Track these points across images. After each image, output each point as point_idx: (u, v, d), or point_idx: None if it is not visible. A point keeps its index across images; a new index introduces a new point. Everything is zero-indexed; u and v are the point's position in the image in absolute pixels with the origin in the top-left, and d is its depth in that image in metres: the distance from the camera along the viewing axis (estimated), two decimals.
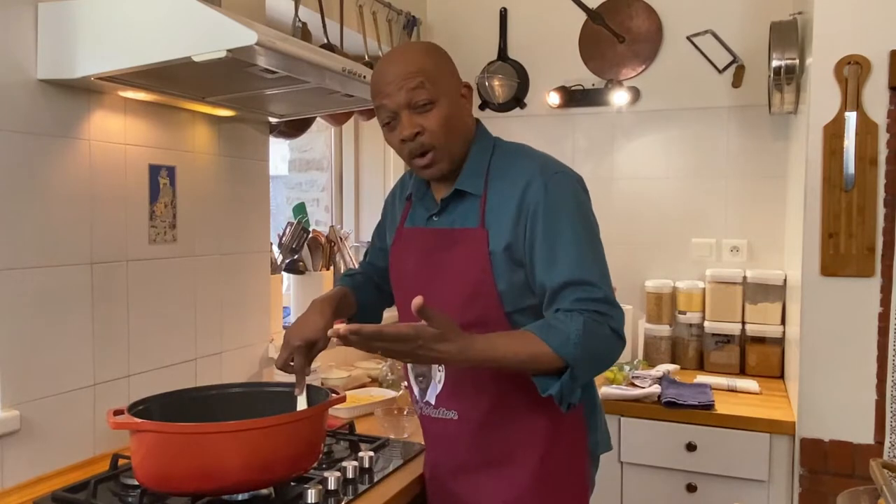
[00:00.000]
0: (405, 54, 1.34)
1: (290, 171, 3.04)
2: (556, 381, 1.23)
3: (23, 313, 1.43)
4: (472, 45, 2.98)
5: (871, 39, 1.87)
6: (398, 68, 1.30)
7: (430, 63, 1.30)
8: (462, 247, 1.35)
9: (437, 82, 1.29)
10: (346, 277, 1.66)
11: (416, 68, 1.29)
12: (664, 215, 2.77)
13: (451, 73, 1.35)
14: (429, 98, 1.29)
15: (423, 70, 1.29)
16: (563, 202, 1.30)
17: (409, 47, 1.35)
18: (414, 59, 1.31)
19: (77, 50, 1.40)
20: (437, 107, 1.30)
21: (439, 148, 1.32)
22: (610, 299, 1.28)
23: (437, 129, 1.30)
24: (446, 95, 1.31)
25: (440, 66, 1.32)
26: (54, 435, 1.50)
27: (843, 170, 1.90)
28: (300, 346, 1.38)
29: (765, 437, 2.04)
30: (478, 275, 1.32)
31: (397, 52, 1.37)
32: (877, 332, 1.88)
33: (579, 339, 1.21)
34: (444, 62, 1.34)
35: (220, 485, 1.23)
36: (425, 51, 1.34)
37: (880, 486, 1.21)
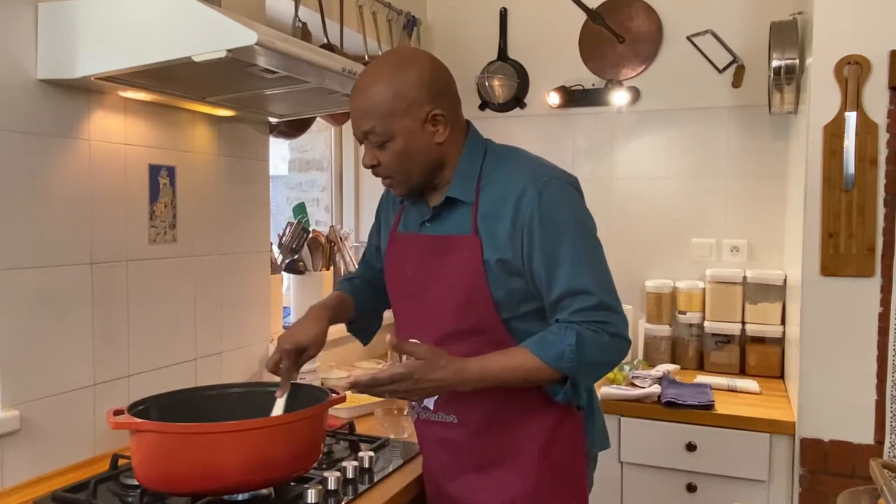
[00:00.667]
0: (361, 89, 1.32)
1: (290, 171, 3.04)
2: (560, 387, 1.29)
3: (23, 313, 1.43)
4: (472, 45, 2.98)
5: (871, 39, 1.87)
6: (356, 104, 1.32)
7: (382, 104, 1.28)
8: (455, 255, 1.35)
9: (389, 122, 1.29)
10: (344, 282, 1.66)
11: (367, 110, 1.30)
12: (664, 215, 2.77)
13: (410, 106, 1.29)
14: (380, 140, 1.31)
15: (373, 113, 1.29)
16: (558, 211, 1.30)
17: (365, 83, 1.30)
18: (366, 100, 1.30)
19: (77, 50, 1.40)
20: (392, 143, 1.31)
21: (395, 178, 1.36)
22: (607, 305, 1.28)
23: (391, 163, 1.33)
24: (402, 132, 1.30)
25: (394, 104, 1.28)
26: (54, 435, 1.50)
27: (843, 170, 1.90)
28: (290, 349, 1.39)
29: (765, 437, 2.04)
30: (472, 283, 1.32)
31: (357, 85, 1.33)
32: (877, 332, 1.88)
33: (574, 353, 1.24)
34: (400, 97, 1.29)
35: (220, 485, 1.23)
36: (382, 86, 1.29)
37: (880, 486, 1.21)
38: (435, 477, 1.48)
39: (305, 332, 1.41)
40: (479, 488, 1.40)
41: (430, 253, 1.39)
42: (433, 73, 1.34)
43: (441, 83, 1.35)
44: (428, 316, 1.38)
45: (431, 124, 1.32)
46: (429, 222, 1.41)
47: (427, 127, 1.32)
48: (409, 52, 1.45)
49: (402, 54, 1.40)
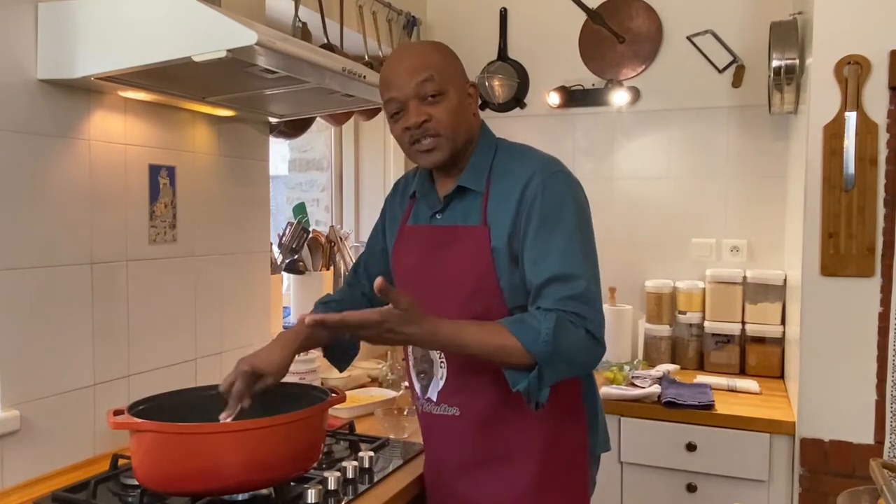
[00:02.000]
0: (416, 49, 1.41)
1: (290, 171, 3.04)
2: (525, 376, 1.23)
3: (23, 313, 1.43)
4: (472, 45, 2.98)
5: (871, 39, 1.87)
6: (409, 62, 1.34)
7: (439, 58, 1.35)
8: (464, 244, 1.36)
9: (445, 76, 1.34)
10: (319, 306, 1.57)
11: (426, 62, 1.33)
12: (664, 215, 2.77)
13: (460, 71, 1.39)
14: (437, 90, 1.33)
15: (432, 64, 1.33)
16: (559, 198, 1.31)
17: (419, 44, 1.43)
18: (424, 54, 1.36)
19: (77, 50, 1.40)
20: (446, 98, 1.34)
21: (444, 136, 1.35)
22: (591, 298, 1.26)
23: (444, 118, 1.33)
24: (454, 89, 1.35)
25: (449, 63, 1.37)
26: (54, 435, 1.50)
27: (843, 170, 1.90)
28: (247, 372, 1.33)
29: (765, 437, 2.04)
30: (480, 271, 1.33)
31: (407, 48, 1.43)
32: (877, 332, 1.88)
33: (549, 337, 1.20)
34: (452, 59, 1.39)
35: (220, 485, 1.23)
36: (435, 47, 1.39)
37: (880, 486, 1.21)
38: (439, 471, 1.48)
39: (267, 359, 1.36)
40: (483, 484, 1.40)
41: (438, 243, 1.40)
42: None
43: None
44: (435, 304, 1.35)
45: (470, 97, 1.39)
46: (439, 213, 1.42)
47: (468, 98, 1.39)
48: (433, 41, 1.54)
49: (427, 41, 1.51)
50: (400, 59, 1.36)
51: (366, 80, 1.63)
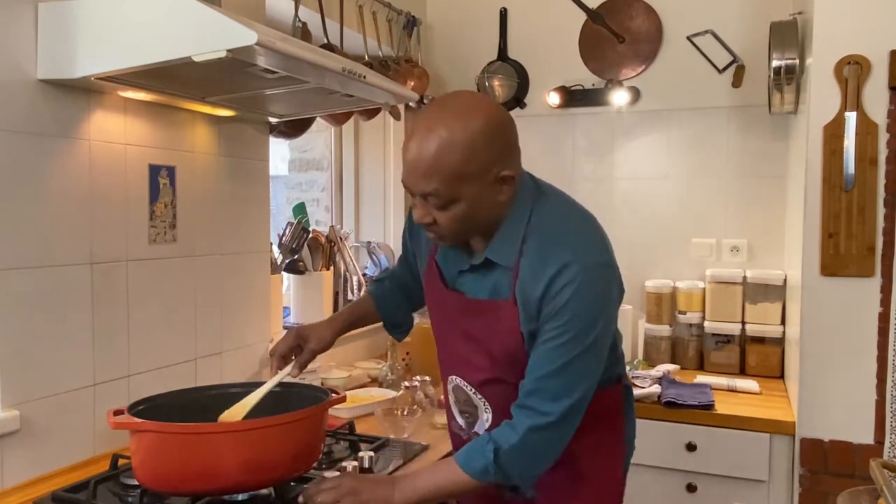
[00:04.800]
0: (422, 148, 1.17)
1: (290, 171, 3.04)
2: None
3: (23, 313, 1.43)
4: (472, 45, 2.98)
5: (871, 39, 1.87)
6: (416, 161, 1.18)
7: (448, 166, 1.16)
8: (493, 320, 1.30)
9: (455, 187, 1.18)
10: (375, 283, 1.66)
11: (430, 171, 1.17)
12: (664, 215, 2.77)
13: (479, 169, 1.18)
14: (444, 202, 1.20)
15: (437, 175, 1.17)
16: (587, 303, 1.21)
17: (428, 138, 1.16)
18: (430, 160, 1.16)
19: (77, 50, 1.40)
20: (454, 206, 1.21)
21: (447, 238, 1.28)
22: (567, 420, 1.22)
23: (450, 224, 1.23)
24: (468, 196, 1.20)
25: (463, 168, 1.17)
26: (54, 435, 1.50)
27: (843, 170, 1.90)
28: (290, 333, 1.50)
29: (765, 437, 2.04)
30: (510, 347, 1.29)
31: (418, 139, 1.18)
32: (877, 332, 1.88)
33: (496, 469, 1.21)
34: (470, 160, 1.17)
35: (220, 485, 1.23)
36: (445, 149, 1.16)
37: (880, 486, 1.21)
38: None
39: (314, 329, 1.52)
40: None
41: (467, 313, 1.35)
42: (505, 126, 1.22)
43: (511, 138, 1.23)
44: (468, 365, 1.36)
45: (498, 184, 1.22)
46: (467, 272, 1.34)
47: (494, 187, 1.22)
48: (476, 100, 1.23)
49: (467, 103, 1.21)
50: (411, 147, 1.19)
51: (366, 80, 1.62)
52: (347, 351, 2.51)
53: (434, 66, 3.01)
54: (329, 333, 1.54)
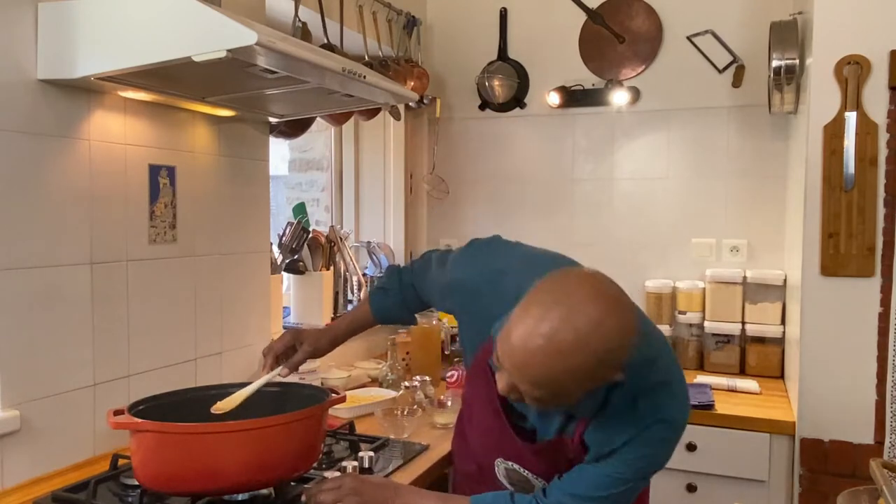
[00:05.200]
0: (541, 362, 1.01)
1: (290, 171, 3.04)
2: None
3: (23, 313, 1.43)
4: (472, 45, 2.98)
5: (871, 39, 1.87)
6: (526, 368, 1.02)
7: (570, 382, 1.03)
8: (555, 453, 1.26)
9: (565, 397, 1.07)
10: (379, 292, 1.60)
11: (540, 383, 1.03)
12: (664, 215, 2.77)
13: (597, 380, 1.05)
14: (544, 407, 1.15)
15: (548, 388, 1.04)
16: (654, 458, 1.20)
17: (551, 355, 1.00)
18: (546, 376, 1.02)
19: (77, 50, 1.40)
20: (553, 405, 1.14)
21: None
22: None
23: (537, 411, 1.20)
24: (572, 402, 1.10)
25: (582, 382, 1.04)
26: (54, 435, 1.50)
27: (843, 170, 1.90)
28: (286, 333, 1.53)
29: (765, 437, 2.04)
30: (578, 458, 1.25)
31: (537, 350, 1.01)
32: (877, 332, 1.88)
33: None
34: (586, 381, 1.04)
35: (220, 485, 1.23)
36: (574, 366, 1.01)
37: (880, 486, 1.21)
38: None
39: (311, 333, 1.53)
40: None
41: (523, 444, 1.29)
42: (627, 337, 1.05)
43: (628, 348, 1.06)
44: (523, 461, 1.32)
45: (604, 384, 1.10)
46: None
47: (599, 389, 1.11)
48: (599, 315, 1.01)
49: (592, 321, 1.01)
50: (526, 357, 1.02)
51: (366, 80, 1.62)
52: (347, 351, 2.51)
53: (434, 66, 3.01)
54: (326, 341, 1.55)
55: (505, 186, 2.99)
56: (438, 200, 3.05)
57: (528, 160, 2.94)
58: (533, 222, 2.93)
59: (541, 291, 1.06)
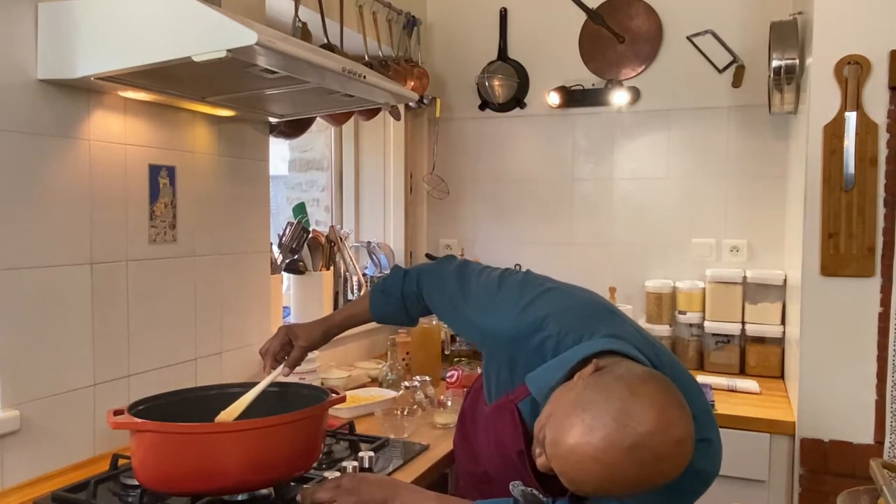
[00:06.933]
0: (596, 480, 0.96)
1: (290, 171, 3.04)
2: None
3: (23, 313, 1.43)
4: (472, 45, 2.98)
5: (871, 39, 1.87)
6: (579, 483, 0.98)
7: (610, 494, 0.99)
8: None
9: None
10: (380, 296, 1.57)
11: (591, 492, 0.99)
12: (664, 215, 2.77)
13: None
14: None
15: (596, 495, 1.00)
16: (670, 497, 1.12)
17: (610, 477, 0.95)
18: (600, 488, 0.97)
19: (77, 50, 1.40)
20: None
21: None
22: None
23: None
24: None
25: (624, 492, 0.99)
26: (54, 435, 1.50)
27: (843, 170, 1.90)
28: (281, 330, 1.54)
29: (765, 437, 2.04)
30: None
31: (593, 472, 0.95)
32: (877, 332, 1.88)
33: None
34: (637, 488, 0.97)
35: (220, 485, 1.23)
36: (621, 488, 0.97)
37: (880, 486, 1.21)
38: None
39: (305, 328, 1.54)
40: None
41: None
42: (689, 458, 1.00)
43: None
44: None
45: None
46: None
47: None
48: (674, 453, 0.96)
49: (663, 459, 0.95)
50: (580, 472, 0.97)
51: (366, 80, 1.62)
52: (347, 351, 2.52)
53: (434, 66, 3.01)
54: (319, 334, 1.56)
55: (505, 186, 2.99)
56: (438, 200, 3.05)
57: (528, 160, 2.94)
58: (533, 222, 2.93)
59: (597, 397, 0.98)
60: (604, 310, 1.28)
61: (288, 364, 1.50)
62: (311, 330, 1.56)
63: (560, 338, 1.18)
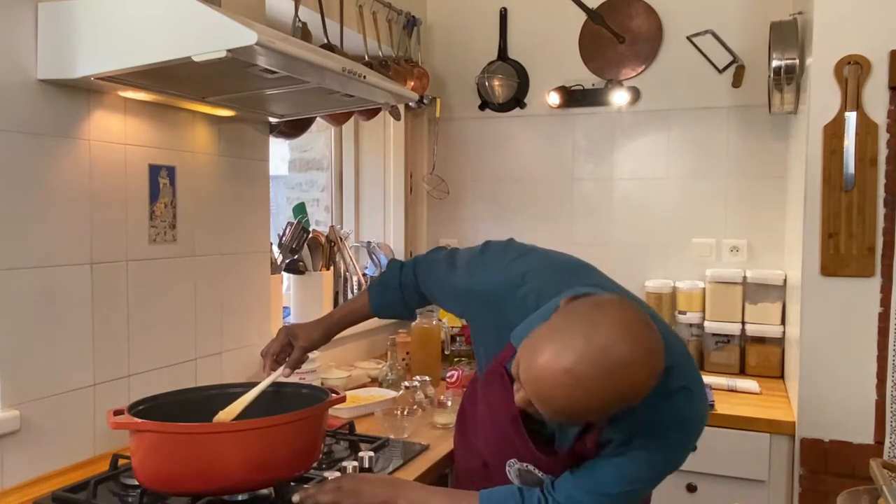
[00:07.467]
0: (564, 394, 0.98)
1: (290, 171, 3.04)
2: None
3: (23, 313, 1.43)
4: (472, 45, 2.98)
5: (871, 39, 1.87)
6: (551, 400, 1.00)
7: (584, 415, 1.03)
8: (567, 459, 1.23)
9: (580, 422, 1.12)
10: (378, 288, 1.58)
11: (561, 414, 1.01)
12: (664, 215, 2.77)
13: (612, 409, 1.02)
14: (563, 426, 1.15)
15: (570, 418, 1.03)
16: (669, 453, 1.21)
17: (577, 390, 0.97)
18: (572, 404, 0.99)
19: (77, 50, 1.40)
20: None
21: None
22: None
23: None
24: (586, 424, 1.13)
25: (597, 415, 1.04)
26: (54, 435, 1.50)
27: (843, 170, 1.90)
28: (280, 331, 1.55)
29: (765, 437, 2.04)
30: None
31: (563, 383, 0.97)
32: (877, 332, 1.88)
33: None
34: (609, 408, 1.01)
35: (220, 485, 1.23)
36: (588, 406, 0.99)
37: (880, 486, 1.21)
38: None
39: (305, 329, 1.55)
40: None
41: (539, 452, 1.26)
42: (658, 376, 1.04)
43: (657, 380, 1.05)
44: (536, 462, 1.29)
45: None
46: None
47: None
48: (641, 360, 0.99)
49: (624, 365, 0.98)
50: (549, 387, 0.99)
51: (366, 80, 1.62)
52: (347, 351, 2.52)
53: (434, 66, 3.01)
54: (319, 334, 1.56)
55: (505, 186, 2.99)
56: (438, 200, 3.05)
57: (528, 160, 2.94)
58: (533, 222, 2.93)
59: (567, 320, 1.02)
60: (584, 267, 1.33)
61: (288, 365, 1.50)
62: (310, 330, 1.57)
63: (541, 292, 1.21)
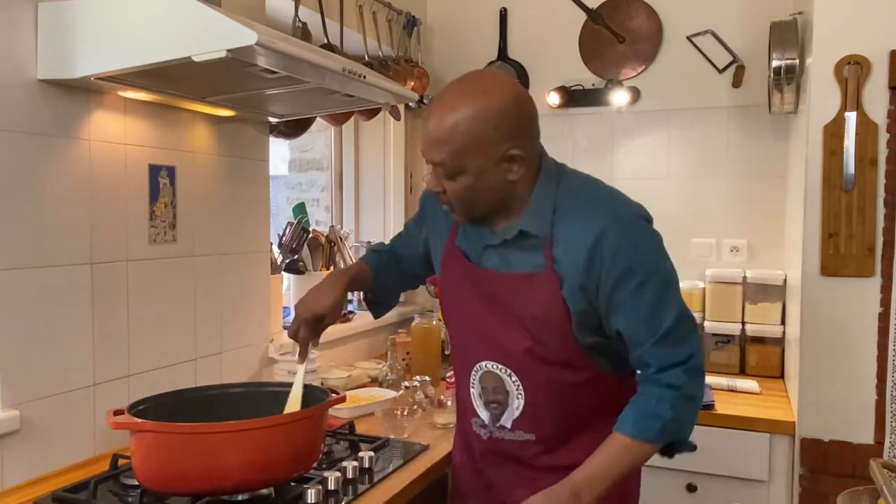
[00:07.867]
0: (435, 121, 1.24)
1: (290, 171, 3.04)
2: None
3: (23, 313, 1.43)
4: (472, 45, 2.98)
5: (871, 39, 1.87)
6: (428, 131, 1.25)
7: (455, 138, 1.22)
8: (531, 293, 1.31)
9: (460, 158, 1.24)
10: (372, 254, 1.65)
11: (438, 141, 1.24)
12: (664, 215, 2.74)
13: (485, 145, 1.23)
14: (451, 171, 1.25)
15: (444, 146, 1.23)
16: (639, 260, 1.29)
17: (441, 111, 1.23)
18: (440, 131, 1.23)
19: (77, 50, 1.40)
20: (461, 177, 1.26)
21: (458, 209, 1.32)
22: (698, 365, 1.31)
23: (457, 195, 1.28)
24: (473, 169, 1.24)
25: (468, 141, 1.22)
26: (54, 435, 1.50)
27: (843, 170, 1.90)
28: (308, 319, 1.42)
29: (765, 437, 2.04)
30: (552, 318, 1.30)
31: (433, 111, 1.26)
32: (877, 332, 1.88)
33: (673, 425, 1.28)
34: (475, 135, 1.22)
35: (220, 485, 1.23)
36: (455, 122, 1.22)
37: (880, 486, 1.21)
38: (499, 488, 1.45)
39: (322, 301, 1.43)
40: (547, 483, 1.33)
41: (500, 288, 1.35)
42: (517, 109, 1.27)
43: (523, 120, 1.28)
44: (503, 342, 1.35)
45: (506, 163, 1.26)
46: (493, 248, 1.36)
47: (501, 165, 1.26)
48: (493, 82, 1.28)
49: (484, 84, 1.26)
50: (427, 119, 1.26)
51: (366, 80, 1.62)
52: (347, 351, 2.52)
53: (434, 66, 3.01)
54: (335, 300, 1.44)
55: None
56: None
57: None
58: None
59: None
60: None
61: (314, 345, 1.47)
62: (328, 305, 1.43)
63: None
